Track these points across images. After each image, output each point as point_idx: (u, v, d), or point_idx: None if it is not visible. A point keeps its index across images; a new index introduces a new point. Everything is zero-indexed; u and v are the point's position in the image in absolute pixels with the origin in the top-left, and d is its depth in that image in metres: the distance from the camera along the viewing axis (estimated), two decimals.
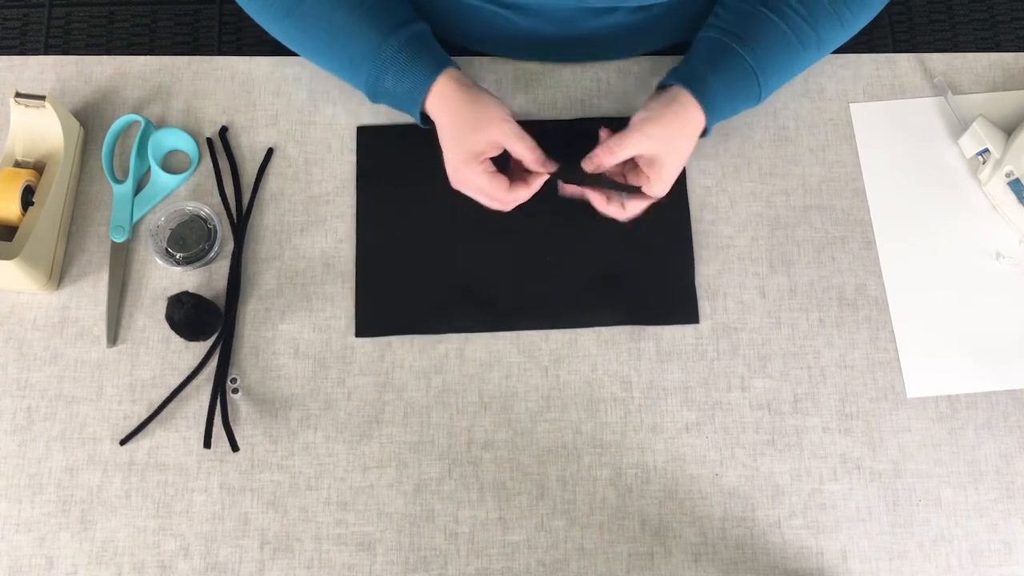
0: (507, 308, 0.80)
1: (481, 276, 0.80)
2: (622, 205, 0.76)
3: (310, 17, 0.74)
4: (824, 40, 0.76)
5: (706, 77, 0.75)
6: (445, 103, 0.73)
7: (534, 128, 0.83)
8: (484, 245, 0.81)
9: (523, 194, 0.75)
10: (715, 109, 0.75)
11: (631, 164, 0.77)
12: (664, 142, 0.73)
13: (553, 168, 0.74)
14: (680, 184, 0.82)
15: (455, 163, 0.73)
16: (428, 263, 0.80)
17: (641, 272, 0.81)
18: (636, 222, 0.78)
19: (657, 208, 0.78)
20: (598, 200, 0.76)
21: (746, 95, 0.76)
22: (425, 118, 0.76)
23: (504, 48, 0.87)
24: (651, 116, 0.74)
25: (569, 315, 0.80)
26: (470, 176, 0.73)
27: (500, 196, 0.74)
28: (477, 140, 0.72)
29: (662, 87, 0.78)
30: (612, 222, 0.78)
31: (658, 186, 0.74)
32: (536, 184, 0.75)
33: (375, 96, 0.76)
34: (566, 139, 0.83)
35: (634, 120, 0.74)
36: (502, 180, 0.73)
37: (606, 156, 0.73)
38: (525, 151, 0.73)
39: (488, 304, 0.80)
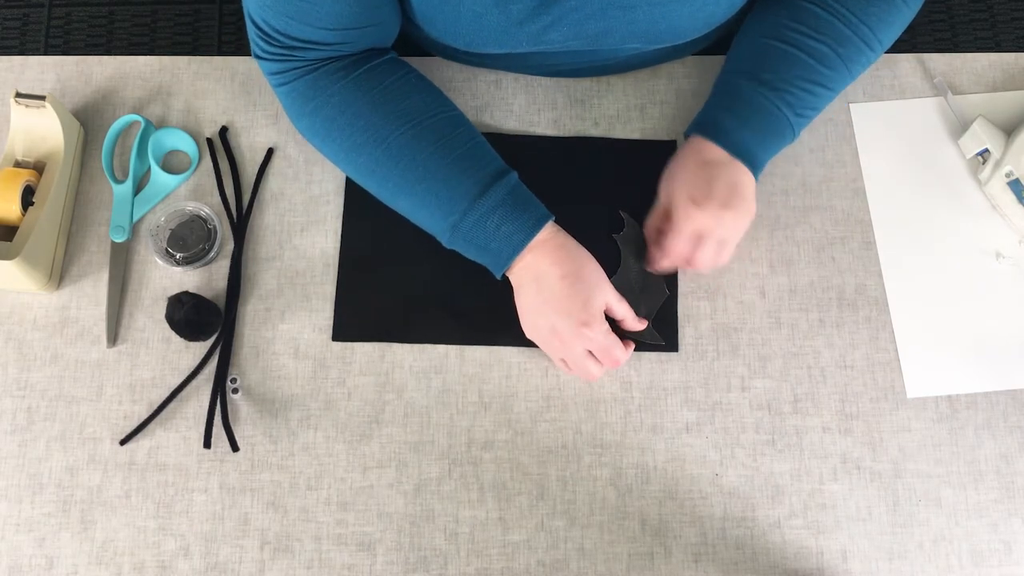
0: (483, 323, 0.79)
1: (460, 290, 0.79)
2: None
3: (404, 151, 0.72)
4: (851, 59, 0.75)
5: (718, 120, 0.74)
6: (553, 256, 0.71)
7: (532, 144, 0.83)
8: (464, 259, 0.77)
9: (630, 351, 0.76)
10: (740, 147, 0.74)
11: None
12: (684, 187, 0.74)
13: (646, 324, 0.77)
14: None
15: (582, 319, 0.70)
16: (408, 273, 0.80)
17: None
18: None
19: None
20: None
21: (774, 127, 0.74)
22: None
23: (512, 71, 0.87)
24: (666, 173, 0.76)
25: None
26: (596, 336, 0.71)
27: (621, 355, 0.73)
28: (598, 299, 0.71)
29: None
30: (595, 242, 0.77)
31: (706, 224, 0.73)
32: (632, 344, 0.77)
33: (457, 236, 0.73)
34: (560, 155, 0.83)
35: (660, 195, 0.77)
36: (617, 339, 0.73)
37: (665, 251, 0.76)
38: (627, 311, 0.74)
39: (464, 318, 0.79)
